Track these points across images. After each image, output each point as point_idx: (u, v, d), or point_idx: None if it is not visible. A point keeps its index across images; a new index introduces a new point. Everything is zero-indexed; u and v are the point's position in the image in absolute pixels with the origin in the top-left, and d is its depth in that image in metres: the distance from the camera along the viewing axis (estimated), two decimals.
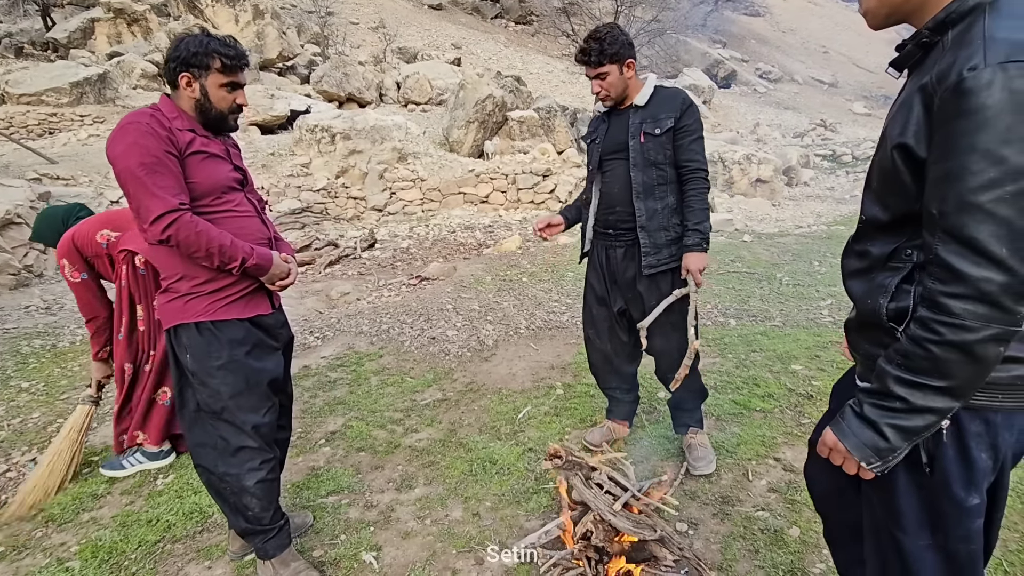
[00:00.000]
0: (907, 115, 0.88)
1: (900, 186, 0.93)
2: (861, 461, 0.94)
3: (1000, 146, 0.77)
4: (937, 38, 0.88)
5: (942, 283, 0.84)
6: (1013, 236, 0.78)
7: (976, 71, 0.77)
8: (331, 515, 2.22)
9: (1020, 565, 1.73)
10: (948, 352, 0.83)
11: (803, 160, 16.09)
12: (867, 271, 1.04)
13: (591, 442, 2.51)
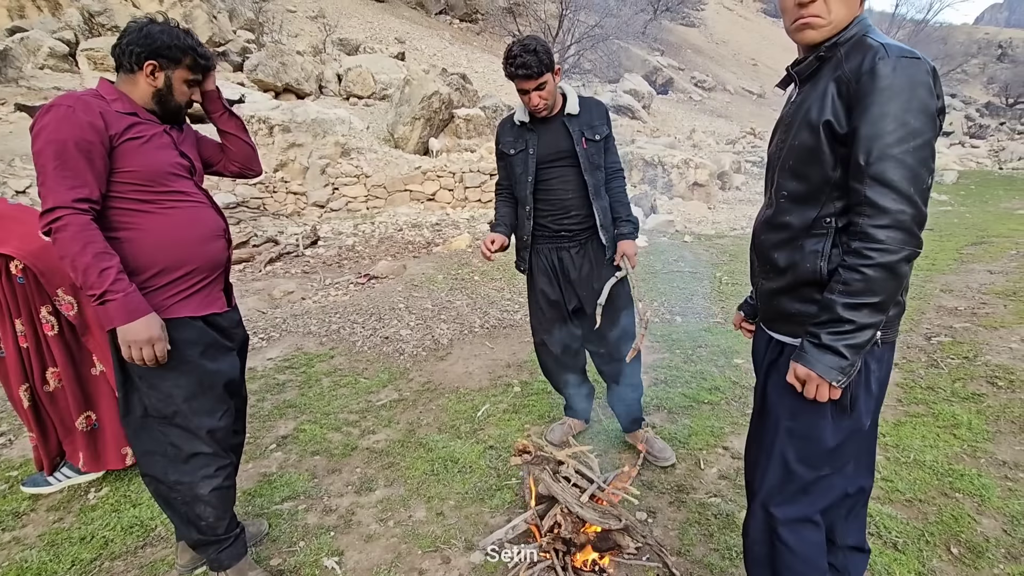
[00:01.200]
0: (824, 102, 1.13)
1: (820, 156, 1.15)
2: (832, 381, 1.13)
3: (903, 113, 1.04)
4: (832, 54, 1.16)
5: (870, 218, 1.07)
6: (915, 179, 1.05)
7: (884, 60, 1.05)
8: (287, 522, 2.14)
9: (939, 535, 1.92)
10: (878, 272, 1.07)
11: (735, 166, 16.96)
12: (791, 240, 1.24)
13: (552, 440, 2.54)
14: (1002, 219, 9.45)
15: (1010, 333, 3.52)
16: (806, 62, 1.20)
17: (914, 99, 1.03)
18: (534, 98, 2.08)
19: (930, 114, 1.05)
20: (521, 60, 2.01)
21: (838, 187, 1.14)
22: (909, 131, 1.03)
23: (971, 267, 5.55)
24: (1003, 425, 2.54)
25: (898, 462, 2.32)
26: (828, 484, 1.30)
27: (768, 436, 1.37)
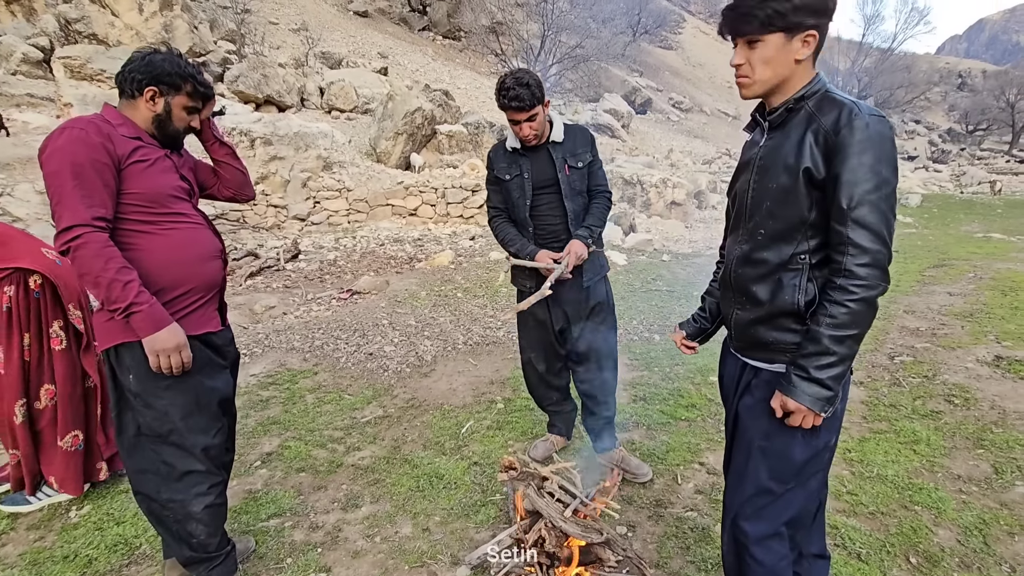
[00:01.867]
0: (801, 150, 1.24)
1: (797, 199, 1.26)
2: (820, 412, 1.25)
3: (877, 163, 1.17)
4: (799, 107, 1.28)
5: (853, 256, 1.19)
6: (887, 222, 1.18)
7: (859, 117, 1.18)
8: (274, 539, 2.16)
9: (899, 546, 2.04)
10: (861, 305, 1.19)
11: (711, 185, 17.42)
12: (769, 275, 1.34)
13: (535, 456, 2.60)
14: (962, 242, 9.90)
15: (966, 353, 3.72)
16: (777, 112, 1.31)
17: (884, 152, 1.17)
18: (525, 129, 2.17)
19: (895, 165, 1.20)
20: (514, 93, 2.09)
21: (812, 227, 1.26)
22: (882, 179, 1.17)
23: (932, 289, 5.82)
24: (959, 441, 2.70)
25: (862, 476, 2.45)
26: (792, 497, 1.40)
27: (741, 456, 1.47)
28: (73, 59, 12.39)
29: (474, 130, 14.90)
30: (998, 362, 3.52)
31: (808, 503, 1.46)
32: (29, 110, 11.97)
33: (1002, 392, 3.11)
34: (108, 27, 15.07)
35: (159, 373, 1.63)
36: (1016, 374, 3.33)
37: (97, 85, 12.51)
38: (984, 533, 2.07)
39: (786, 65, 1.26)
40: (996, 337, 4.00)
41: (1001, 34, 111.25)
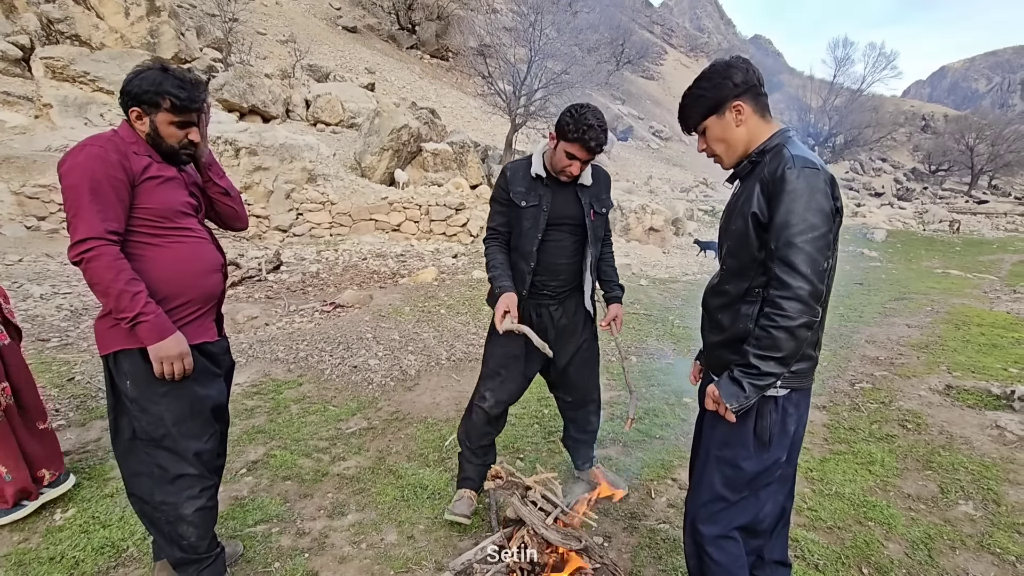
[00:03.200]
0: (752, 197, 1.41)
1: (748, 241, 1.43)
2: (727, 404, 1.42)
3: (804, 211, 1.32)
4: (761, 159, 1.46)
5: (776, 289, 1.35)
6: (812, 262, 1.32)
7: (791, 169, 1.34)
8: (261, 544, 2.21)
9: (853, 557, 2.20)
10: (780, 333, 1.33)
11: (688, 213, 17.94)
12: (730, 305, 1.52)
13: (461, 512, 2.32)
14: (922, 276, 10.42)
15: (920, 382, 3.97)
16: (741, 166, 1.52)
17: (813, 201, 1.32)
18: (576, 168, 2.07)
19: (825, 213, 1.32)
20: (595, 134, 1.98)
21: (762, 264, 1.43)
22: (808, 225, 1.31)
23: (893, 320, 6.14)
24: (910, 463, 2.90)
25: (822, 494, 2.62)
26: (745, 505, 1.56)
27: (700, 462, 1.65)
28: (56, 60, 12.25)
29: (459, 149, 15.12)
30: (948, 391, 3.77)
31: (765, 512, 1.60)
32: (6, 109, 11.76)
33: (950, 419, 3.34)
34: (92, 29, 14.93)
35: (156, 380, 1.69)
36: (964, 402, 3.58)
37: (79, 87, 12.38)
38: (929, 547, 2.25)
39: (732, 133, 1.49)
40: (948, 368, 4.27)
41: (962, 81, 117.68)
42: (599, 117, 2.02)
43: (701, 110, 1.51)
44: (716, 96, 1.47)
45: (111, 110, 11.93)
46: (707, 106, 1.49)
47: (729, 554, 1.57)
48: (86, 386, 3.54)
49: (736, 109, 1.47)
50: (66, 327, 4.72)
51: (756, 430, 1.49)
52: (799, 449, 1.63)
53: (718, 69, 1.49)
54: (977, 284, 9.68)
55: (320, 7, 28.72)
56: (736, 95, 1.46)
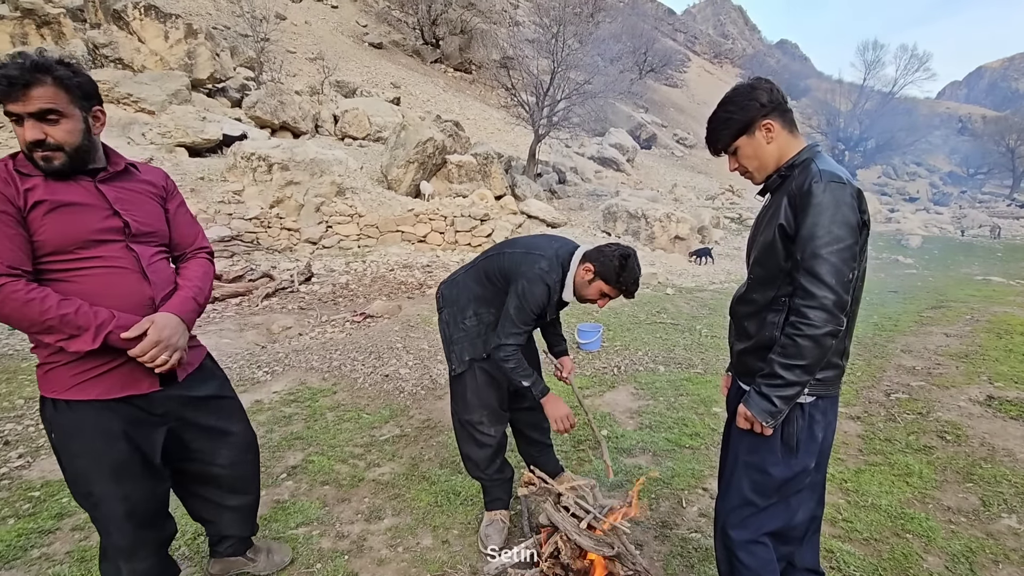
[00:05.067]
0: (779, 209, 1.45)
1: (775, 251, 1.47)
2: (763, 422, 1.45)
3: (830, 224, 1.36)
4: (790, 173, 1.50)
5: (802, 299, 1.38)
6: (837, 273, 1.35)
7: (818, 184, 1.38)
8: (304, 545, 2.30)
9: (891, 571, 2.17)
10: (805, 341, 1.37)
11: (714, 221, 17.76)
12: (757, 313, 1.55)
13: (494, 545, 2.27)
14: (961, 284, 10.10)
15: (959, 392, 3.87)
16: (771, 179, 1.56)
17: (838, 214, 1.35)
18: (605, 303, 2.17)
19: (851, 226, 1.36)
20: (638, 286, 2.11)
21: (788, 274, 1.46)
22: (834, 237, 1.35)
23: (930, 329, 5.98)
24: (949, 475, 2.83)
25: (857, 505, 2.59)
26: (775, 511, 1.58)
27: (729, 468, 1.67)
28: (102, 83, 12.87)
29: (483, 160, 15.31)
30: (990, 402, 3.67)
31: (794, 519, 1.61)
32: None
33: (992, 430, 3.26)
34: (134, 53, 15.65)
35: (72, 436, 1.51)
36: (1006, 413, 3.48)
37: (123, 108, 12.98)
38: (971, 561, 2.20)
39: (764, 151, 1.54)
40: (989, 378, 4.15)
41: (1000, 81, 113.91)
42: (640, 267, 2.10)
43: (731, 132, 1.56)
44: (745, 117, 1.52)
45: (152, 129, 12.47)
46: (737, 128, 1.54)
47: (759, 559, 1.59)
48: None
49: (766, 127, 1.52)
50: None
51: (783, 436, 1.52)
52: (828, 457, 1.65)
53: (743, 91, 1.54)
54: (1021, 291, 9.35)
55: (347, 25, 29.52)
56: (764, 114, 1.51)
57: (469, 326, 2.25)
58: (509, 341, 2.07)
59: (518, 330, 2.08)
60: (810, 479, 1.58)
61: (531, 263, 2.10)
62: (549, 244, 2.19)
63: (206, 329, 5.33)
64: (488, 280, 2.22)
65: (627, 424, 3.49)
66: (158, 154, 11.89)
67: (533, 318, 2.10)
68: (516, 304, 2.07)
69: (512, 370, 2.10)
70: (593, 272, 2.07)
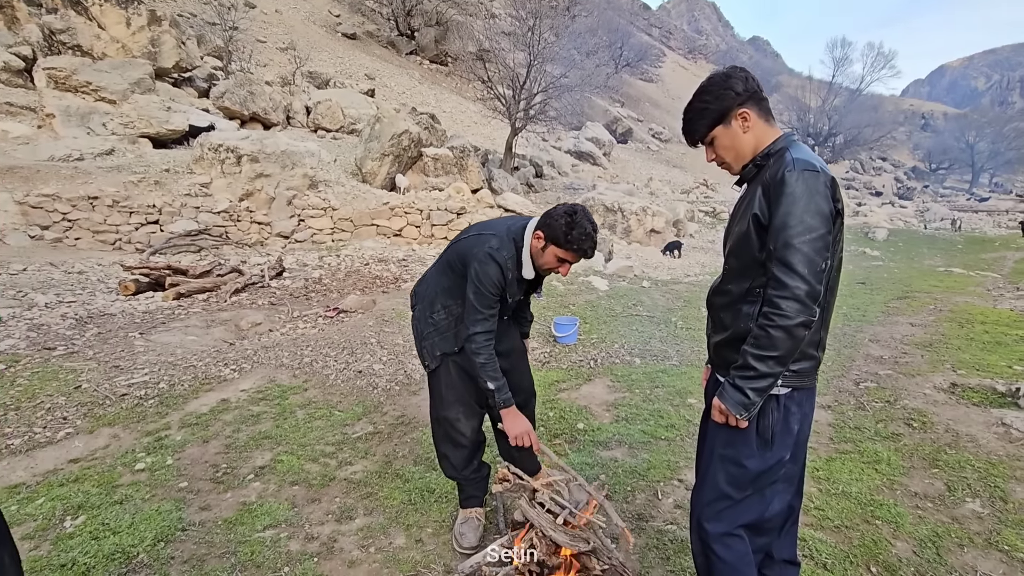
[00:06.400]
0: (754, 199, 1.44)
1: (750, 242, 1.45)
2: (736, 415, 1.44)
3: (803, 213, 1.34)
4: (765, 162, 1.48)
5: (775, 290, 1.36)
6: (810, 263, 1.33)
7: (791, 172, 1.36)
8: (270, 548, 2.22)
9: (861, 556, 2.20)
10: (777, 332, 1.35)
11: (689, 215, 17.96)
12: (732, 304, 1.54)
13: (469, 545, 2.24)
14: (925, 275, 10.40)
15: (925, 380, 3.97)
16: (747, 169, 1.54)
17: (812, 203, 1.33)
18: (567, 269, 2.05)
19: (824, 215, 1.34)
20: (592, 242, 1.95)
21: (763, 265, 1.44)
22: (806, 227, 1.33)
23: (896, 319, 6.14)
24: (916, 461, 2.90)
25: (829, 493, 2.62)
26: (749, 504, 1.57)
27: (705, 460, 1.66)
28: (58, 70, 12.33)
29: (459, 153, 15.17)
30: (953, 389, 3.77)
31: (769, 510, 1.61)
32: (9, 119, 11.83)
33: (956, 417, 3.34)
34: (94, 39, 15.02)
35: None
36: (969, 400, 3.57)
37: (82, 97, 12.45)
38: (937, 545, 2.25)
39: (740, 140, 1.52)
40: (952, 366, 4.27)
41: (961, 79, 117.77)
42: (592, 221, 1.96)
43: (707, 122, 1.53)
44: (721, 107, 1.50)
45: (113, 119, 12.00)
46: (713, 118, 1.52)
47: (735, 552, 1.58)
48: (93, 394, 3.55)
49: (742, 117, 1.49)
50: (71, 335, 4.74)
51: (759, 429, 1.51)
52: (805, 449, 1.64)
53: (718, 81, 1.51)
54: (980, 282, 9.67)
55: (319, 14, 28.88)
56: (740, 103, 1.49)
57: (438, 320, 2.19)
58: (477, 329, 2.01)
59: (482, 315, 2.01)
60: (785, 471, 1.57)
61: (481, 244, 2.04)
62: (502, 223, 2.14)
63: (170, 326, 5.15)
64: (451, 269, 2.16)
65: (603, 417, 3.48)
66: (120, 145, 11.46)
67: (494, 300, 2.03)
68: (473, 289, 2.01)
69: (481, 366, 2.03)
70: (544, 238, 1.98)
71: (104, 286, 6.80)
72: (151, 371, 3.95)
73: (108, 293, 6.48)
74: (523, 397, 2.37)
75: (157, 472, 2.73)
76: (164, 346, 4.56)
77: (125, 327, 5.07)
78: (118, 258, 8.10)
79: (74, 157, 10.58)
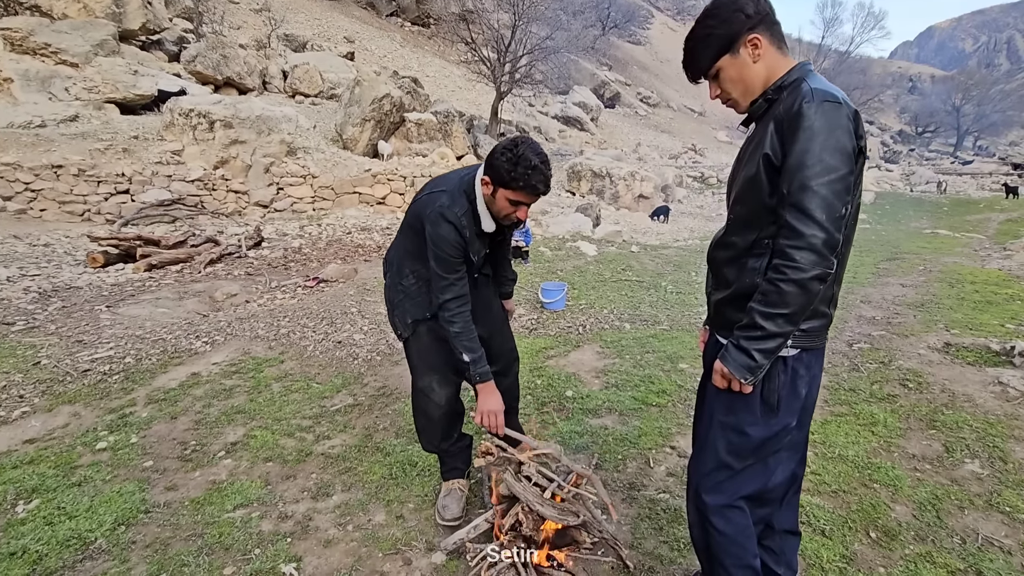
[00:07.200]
0: (764, 137, 1.26)
1: (759, 186, 1.28)
2: (741, 379, 1.29)
3: (821, 151, 1.17)
4: (778, 96, 1.30)
5: (787, 239, 1.20)
6: (829, 207, 1.17)
7: (809, 104, 1.18)
8: (241, 530, 2.08)
9: (860, 522, 2.12)
10: (790, 287, 1.19)
11: (677, 180, 17.74)
12: (736, 258, 1.38)
13: (451, 517, 2.11)
14: (912, 237, 10.38)
15: (919, 340, 3.90)
16: (756, 104, 1.34)
17: (831, 139, 1.16)
18: (524, 212, 1.82)
19: (846, 153, 1.17)
20: (540, 175, 1.70)
21: (773, 212, 1.28)
22: (825, 167, 1.16)
23: (887, 280, 6.08)
24: (913, 423, 2.82)
25: (825, 457, 2.54)
26: (751, 474, 1.44)
27: (703, 428, 1.52)
28: (14, 31, 11.61)
29: (444, 119, 14.72)
30: (947, 348, 3.70)
31: (772, 480, 1.49)
32: None
33: (951, 376, 3.27)
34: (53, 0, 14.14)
35: None
36: (963, 359, 3.51)
37: (41, 60, 11.77)
38: (937, 508, 2.18)
39: (749, 71, 1.33)
40: (945, 326, 4.21)
41: (948, 41, 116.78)
42: (539, 152, 1.72)
43: (712, 51, 1.33)
44: (728, 32, 1.30)
45: (76, 84, 11.39)
46: (719, 45, 1.32)
47: (735, 524, 1.46)
48: (53, 370, 3.36)
49: (752, 43, 1.29)
50: (33, 310, 4.50)
51: (763, 394, 1.36)
52: (811, 414, 1.51)
53: (726, 2, 1.31)
54: (967, 243, 9.67)
55: None
56: (750, 27, 1.29)
57: (408, 286, 2.02)
58: (446, 296, 1.85)
59: (447, 281, 1.84)
60: (790, 438, 1.45)
61: (433, 202, 1.84)
62: (455, 175, 1.92)
63: (140, 299, 4.92)
64: (412, 231, 1.96)
65: (593, 384, 3.37)
66: (85, 111, 10.90)
67: (457, 263, 1.84)
68: (433, 254, 1.83)
69: (456, 335, 1.86)
70: (491, 182, 1.77)
71: (71, 259, 6.51)
72: (117, 345, 3.75)
73: (76, 266, 6.20)
74: (504, 363, 2.23)
75: (120, 451, 2.57)
76: (132, 319, 4.34)
77: (91, 300, 4.83)
78: (87, 230, 7.75)
79: (35, 124, 10.04)
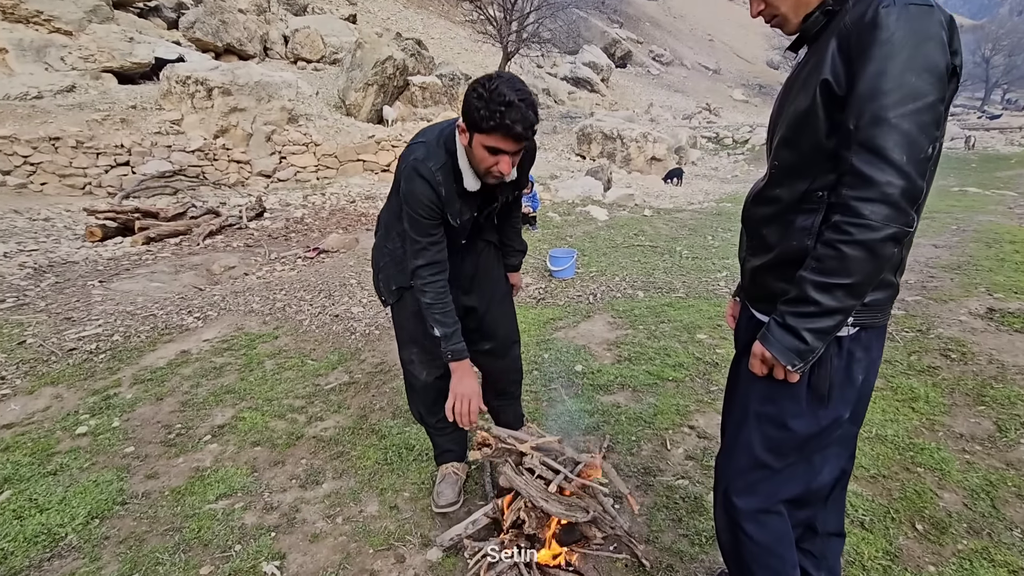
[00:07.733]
0: (823, 59, 0.99)
1: (814, 123, 1.01)
2: (787, 365, 1.05)
3: (904, 72, 0.90)
4: (839, 7, 1.01)
5: (853, 188, 0.94)
6: (911, 146, 0.90)
7: (888, 9, 0.91)
8: (222, 523, 1.92)
9: (904, 512, 1.90)
10: (855, 250, 0.94)
11: (691, 141, 17.10)
12: (780, 215, 1.12)
13: (446, 503, 1.96)
14: (941, 196, 9.85)
15: (958, 306, 3.60)
16: (813, 18, 1.05)
17: (918, 55, 0.89)
18: (506, 164, 1.48)
19: (937, 73, 0.90)
20: (519, 112, 1.38)
21: (832, 157, 1.01)
22: (909, 91, 0.89)
23: (917, 240, 5.67)
24: (958, 398, 2.57)
25: (861, 437, 2.30)
26: (792, 474, 1.21)
27: (735, 420, 1.28)
28: None
29: (449, 82, 14.23)
30: (991, 314, 3.41)
31: (818, 482, 1.26)
32: None
33: (999, 346, 2.99)
34: None
35: None
36: (1011, 327, 3.22)
37: (35, 28, 11.44)
38: (992, 496, 1.95)
39: None
40: (987, 289, 3.89)
41: None
42: (519, 88, 1.41)
43: None
44: None
45: (72, 53, 11.08)
46: None
47: (771, 531, 1.24)
48: (38, 350, 3.21)
49: None
50: (25, 286, 4.36)
51: (811, 380, 1.11)
52: (867, 404, 1.26)
53: None
54: (1000, 200, 9.16)
55: None
56: None
57: (394, 248, 1.79)
58: (419, 261, 1.61)
59: (419, 244, 1.60)
60: (841, 431, 1.21)
61: (408, 155, 1.58)
62: (437, 127, 1.65)
63: (135, 273, 4.76)
64: (397, 190, 1.70)
65: (604, 357, 3.15)
66: (81, 80, 10.63)
67: (431, 224, 1.59)
68: (406, 214, 1.59)
69: (428, 307, 1.63)
70: (465, 128, 1.47)
71: (71, 233, 6.37)
72: (106, 322, 3.59)
73: (74, 240, 6.05)
74: (499, 342, 1.98)
75: (100, 436, 2.42)
76: (124, 294, 4.18)
77: (86, 275, 4.68)
78: (88, 203, 7.59)
79: (31, 95, 9.81)
